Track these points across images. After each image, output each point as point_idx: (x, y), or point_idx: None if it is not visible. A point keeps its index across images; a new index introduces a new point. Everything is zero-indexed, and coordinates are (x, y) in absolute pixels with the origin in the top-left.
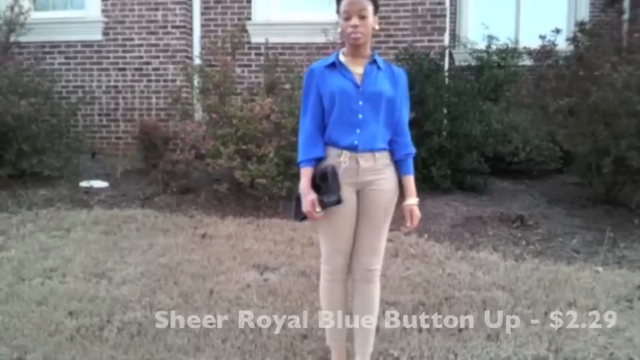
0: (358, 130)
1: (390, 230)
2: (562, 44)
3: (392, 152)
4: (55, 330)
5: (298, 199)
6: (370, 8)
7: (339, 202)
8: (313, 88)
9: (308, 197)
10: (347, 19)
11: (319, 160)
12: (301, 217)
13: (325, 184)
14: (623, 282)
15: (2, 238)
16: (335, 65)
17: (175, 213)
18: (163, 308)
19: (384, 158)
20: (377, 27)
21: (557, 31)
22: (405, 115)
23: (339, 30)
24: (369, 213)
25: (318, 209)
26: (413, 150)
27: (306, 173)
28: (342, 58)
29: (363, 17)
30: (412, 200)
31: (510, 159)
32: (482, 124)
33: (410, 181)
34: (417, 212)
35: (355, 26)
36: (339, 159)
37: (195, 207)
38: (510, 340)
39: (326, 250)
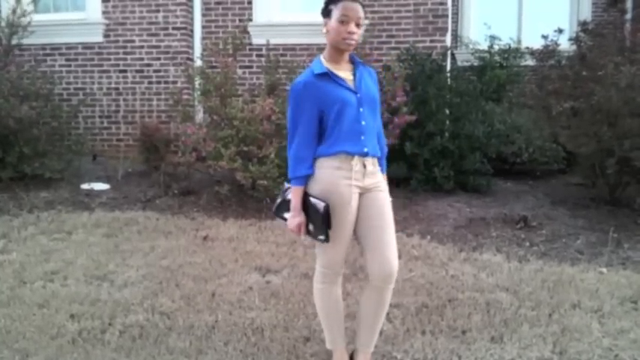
0: (363, 137)
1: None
2: (564, 44)
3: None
4: (57, 333)
5: (285, 202)
6: (364, 17)
7: (326, 240)
8: (308, 102)
9: (297, 219)
10: (344, 23)
11: (309, 176)
12: (281, 216)
13: (317, 219)
14: (628, 283)
15: (3, 241)
16: (327, 75)
17: (177, 215)
18: (165, 311)
19: (377, 162)
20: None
21: (560, 31)
22: (378, 111)
23: (324, 30)
24: (377, 213)
25: (303, 236)
26: (386, 149)
27: (297, 192)
28: (326, 65)
29: (358, 25)
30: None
31: (513, 160)
32: (485, 125)
33: (384, 178)
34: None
35: (352, 33)
36: (350, 163)
37: (197, 209)
38: (514, 342)
39: (328, 255)
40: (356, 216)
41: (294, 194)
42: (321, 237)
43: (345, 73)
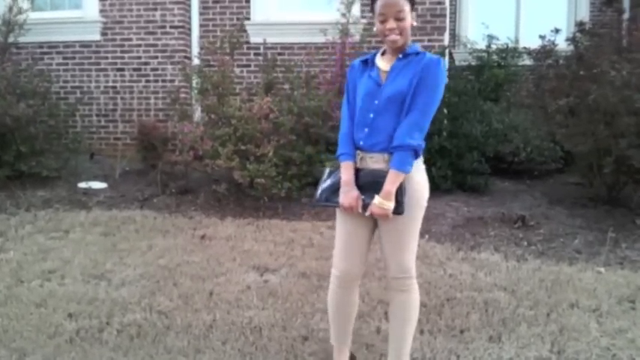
0: (366, 129)
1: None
2: (562, 44)
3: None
4: (55, 332)
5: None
6: (407, 8)
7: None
8: (351, 82)
9: (352, 192)
10: (383, 21)
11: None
12: (325, 202)
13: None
14: (626, 282)
15: (1, 239)
16: (367, 63)
17: (174, 214)
18: (163, 310)
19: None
20: (415, 23)
21: (557, 30)
22: (417, 102)
23: (375, 29)
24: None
25: (361, 210)
26: (403, 142)
27: (346, 167)
28: (379, 56)
29: (400, 19)
30: (376, 199)
31: (511, 159)
32: (483, 124)
33: (389, 175)
34: (376, 211)
35: (392, 29)
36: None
37: (195, 208)
38: (512, 342)
39: (335, 253)
40: (362, 216)
41: (344, 169)
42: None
43: (387, 65)
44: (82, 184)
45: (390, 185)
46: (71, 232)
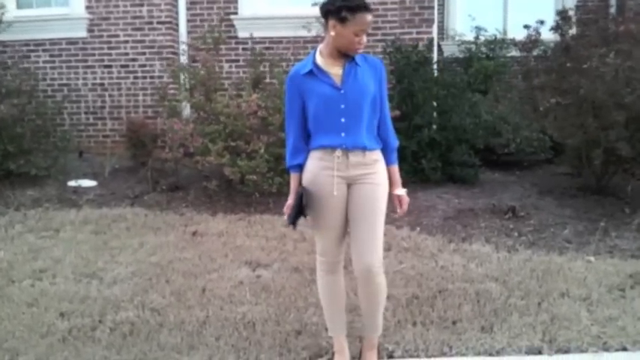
0: (343, 134)
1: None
2: (549, 35)
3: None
4: (47, 331)
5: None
6: None
7: (292, 226)
8: (295, 96)
9: (288, 201)
10: (357, 35)
11: (302, 165)
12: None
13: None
14: (616, 271)
15: None
16: (313, 72)
17: (165, 211)
18: (156, 307)
19: (373, 155)
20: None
21: (541, 22)
22: (386, 106)
23: (332, 33)
24: (361, 207)
25: (287, 218)
26: (397, 141)
27: (293, 178)
28: (319, 59)
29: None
30: (400, 191)
31: (501, 151)
32: (472, 116)
33: (395, 171)
34: (406, 199)
35: (363, 42)
36: (332, 155)
37: (186, 205)
38: (504, 332)
39: (320, 242)
40: (345, 206)
41: (291, 180)
42: (290, 220)
43: (335, 68)
44: (72, 183)
45: (399, 178)
46: (62, 230)
